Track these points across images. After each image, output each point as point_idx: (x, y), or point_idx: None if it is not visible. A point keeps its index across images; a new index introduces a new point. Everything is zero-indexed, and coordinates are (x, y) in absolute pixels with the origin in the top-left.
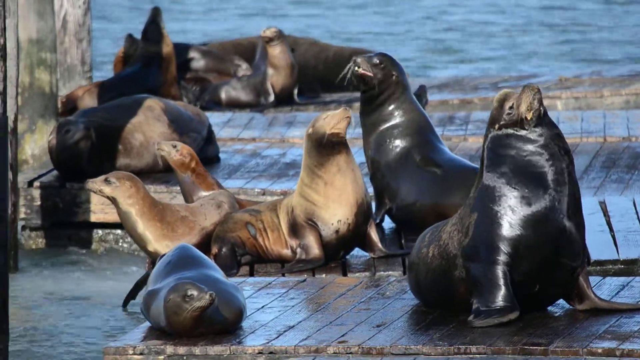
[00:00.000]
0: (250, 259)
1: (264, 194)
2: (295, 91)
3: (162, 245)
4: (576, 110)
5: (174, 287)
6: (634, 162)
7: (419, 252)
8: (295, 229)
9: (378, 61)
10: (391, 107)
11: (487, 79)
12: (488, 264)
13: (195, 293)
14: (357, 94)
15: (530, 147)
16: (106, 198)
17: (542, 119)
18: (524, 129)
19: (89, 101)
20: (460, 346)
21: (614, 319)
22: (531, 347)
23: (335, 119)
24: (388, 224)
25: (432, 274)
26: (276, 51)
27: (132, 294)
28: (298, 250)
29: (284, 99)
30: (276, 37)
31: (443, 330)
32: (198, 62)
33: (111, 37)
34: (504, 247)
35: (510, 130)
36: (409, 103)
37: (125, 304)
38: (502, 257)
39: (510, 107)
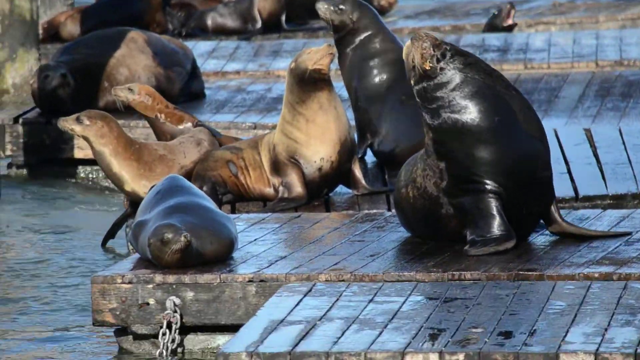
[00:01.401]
0: (232, 197)
1: (255, 128)
2: (283, 17)
3: (139, 185)
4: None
5: (154, 231)
6: (628, 90)
7: (400, 192)
8: (277, 167)
9: (337, 7)
10: (365, 45)
11: (478, 4)
12: (477, 194)
13: (170, 236)
14: None
15: (452, 89)
16: (79, 137)
17: (445, 58)
18: (433, 77)
19: (71, 27)
20: (454, 272)
21: (612, 245)
22: (527, 273)
23: (318, 54)
24: (370, 157)
25: (419, 213)
26: None
27: (110, 233)
28: (280, 188)
29: (271, 26)
30: None
31: (437, 258)
32: None
33: None
34: (486, 178)
35: (424, 84)
36: (381, 39)
37: (104, 243)
38: (489, 187)
39: (413, 60)
